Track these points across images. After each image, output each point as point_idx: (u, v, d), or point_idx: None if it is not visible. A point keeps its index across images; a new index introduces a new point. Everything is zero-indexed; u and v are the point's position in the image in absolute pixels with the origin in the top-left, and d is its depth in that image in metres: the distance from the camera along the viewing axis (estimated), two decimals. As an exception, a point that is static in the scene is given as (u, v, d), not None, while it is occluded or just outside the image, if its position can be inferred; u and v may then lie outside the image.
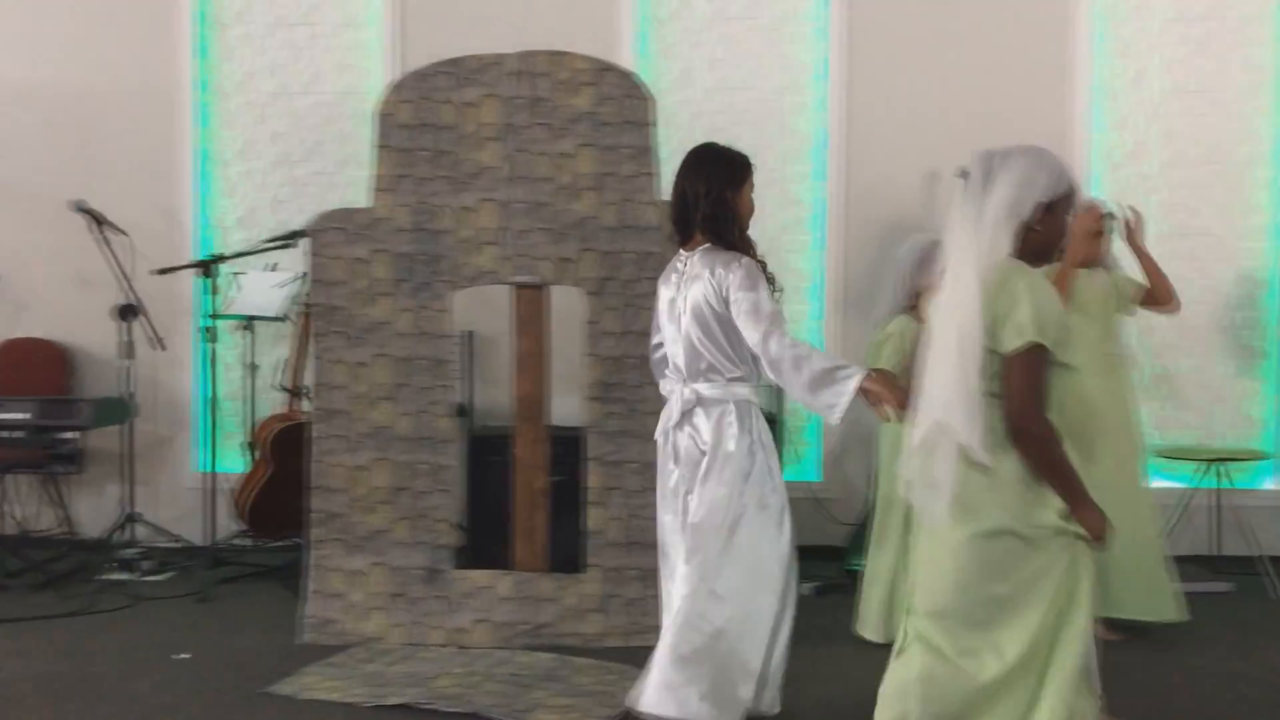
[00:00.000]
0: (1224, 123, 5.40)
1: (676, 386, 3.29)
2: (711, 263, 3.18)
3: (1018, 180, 2.54)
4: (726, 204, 3.22)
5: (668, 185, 4.71)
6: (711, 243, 3.23)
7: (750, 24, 5.48)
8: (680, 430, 3.25)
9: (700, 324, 3.18)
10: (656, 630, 4.10)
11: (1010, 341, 2.43)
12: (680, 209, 3.27)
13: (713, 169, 3.26)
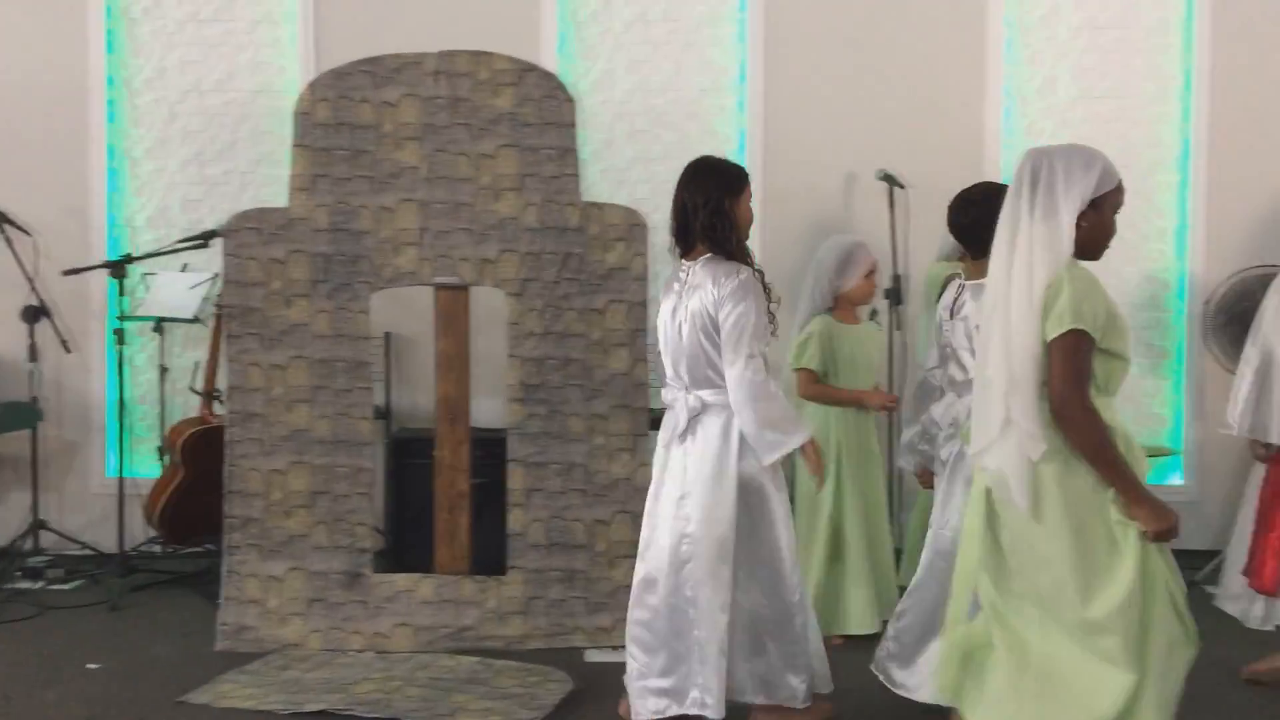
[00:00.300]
0: (1131, 128, 5.55)
1: (680, 394, 3.34)
2: (714, 272, 3.26)
3: (1070, 179, 2.61)
4: (725, 213, 3.29)
5: (589, 186, 4.73)
6: (712, 252, 3.30)
7: (671, 26, 5.51)
8: (685, 440, 3.31)
9: (704, 333, 3.25)
10: (579, 631, 4.13)
11: (1051, 330, 2.53)
12: (680, 220, 3.34)
13: (711, 180, 3.34)
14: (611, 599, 4.16)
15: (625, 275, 4.22)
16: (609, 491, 4.19)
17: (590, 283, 4.21)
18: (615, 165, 5.50)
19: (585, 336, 4.21)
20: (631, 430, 4.21)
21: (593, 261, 4.21)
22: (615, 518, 4.20)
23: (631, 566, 4.15)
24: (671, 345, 3.36)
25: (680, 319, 3.31)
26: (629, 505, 4.18)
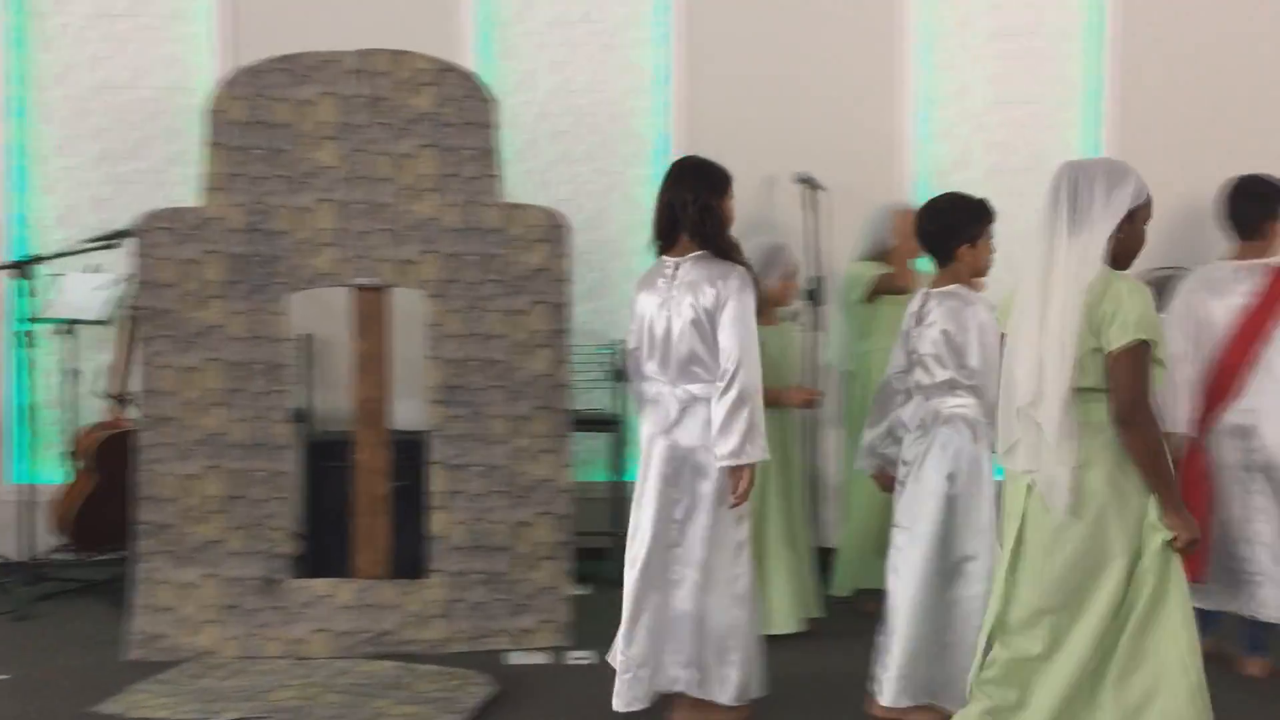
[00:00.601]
0: (1041, 133, 5.69)
1: (667, 389, 3.39)
2: (709, 271, 3.33)
3: (1109, 192, 2.72)
4: (712, 210, 3.38)
5: (511, 186, 4.70)
6: (701, 249, 3.37)
7: (592, 28, 5.51)
8: (670, 434, 3.37)
9: (698, 330, 3.31)
10: (502, 633, 4.12)
11: (1117, 339, 2.65)
12: (667, 217, 3.41)
13: (697, 178, 3.43)
14: (534, 601, 4.15)
15: (547, 276, 4.22)
16: (531, 493, 4.18)
17: (512, 284, 4.20)
18: (537, 166, 5.49)
19: (507, 338, 4.19)
20: (554, 431, 4.21)
21: (514, 263, 4.20)
22: (538, 519, 4.19)
23: (553, 567, 4.16)
24: (658, 340, 3.38)
25: (669, 314, 3.35)
26: (552, 506, 4.17)
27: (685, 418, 3.35)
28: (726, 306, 3.29)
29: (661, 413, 3.40)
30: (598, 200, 5.53)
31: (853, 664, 3.80)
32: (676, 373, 3.37)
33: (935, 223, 3.50)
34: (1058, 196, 2.73)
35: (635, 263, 5.55)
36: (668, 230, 3.42)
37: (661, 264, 3.45)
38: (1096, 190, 2.71)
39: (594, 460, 5.46)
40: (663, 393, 3.40)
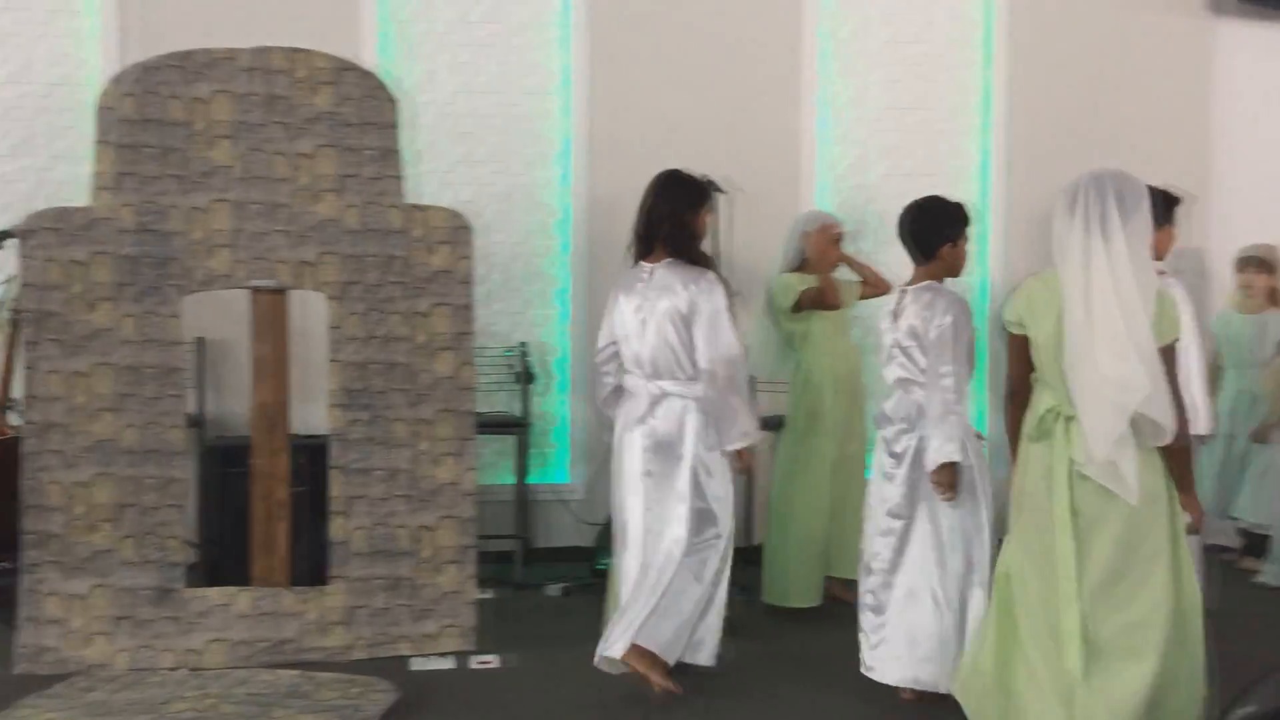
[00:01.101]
0: (935, 139, 5.83)
1: (641, 383, 3.72)
2: (682, 277, 3.65)
3: (1144, 201, 2.94)
4: (686, 224, 3.70)
5: (413, 187, 4.66)
6: (674, 257, 3.67)
7: (494, 28, 5.48)
8: (645, 423, 3.70)
9: (673, 329, 3.63)
10: (404, 639, 4.07)
11: (1167, 335, 2.92)
12: (646, 226, 3.72)
13: (675, 192, 3.74)
14: (438, 605, 4.12)
15: (450, 278, 4.18)
16: (435, 497, 4.14)
17: (414, 286, 4.15)
18: (439, 167, 5.44)
19: (409, 340, 4.15)
20: (458, 434, 4.17)
21: (417, 264, 4.16)
22: (441, 523, 4.15)
23: (458, 571, 4.13)
24: (634, 339, 3.70)
25: (644, 315, 3.67)
26: (455, 510, 4.14)
27: (657, 409, 3.68)
28: (700, 308, 3.60)
29: (635, 405, 3.72)
30: (501, 202, 5.50)
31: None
32: (651, 369, 3.68)
33: (920, 223, 3.66)
34: (1097, 204, 2.92)
35: (539, 264, 5.54)
36: (646, 238, 3.72)
37: (639, 269, 3.75)
38: (1143, 199, 2.93)
39: (499, 463, 5.43)
40: (638, 386, 3.72)
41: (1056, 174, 5.68)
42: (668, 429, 3.67)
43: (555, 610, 4.71)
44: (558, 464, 5.54)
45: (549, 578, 5.04)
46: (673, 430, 3.67)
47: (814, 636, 4.35)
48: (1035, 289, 3.08)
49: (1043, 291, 3.05)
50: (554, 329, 5.56)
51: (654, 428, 3.68)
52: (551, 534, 5.48)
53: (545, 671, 3.94)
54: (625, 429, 3.76)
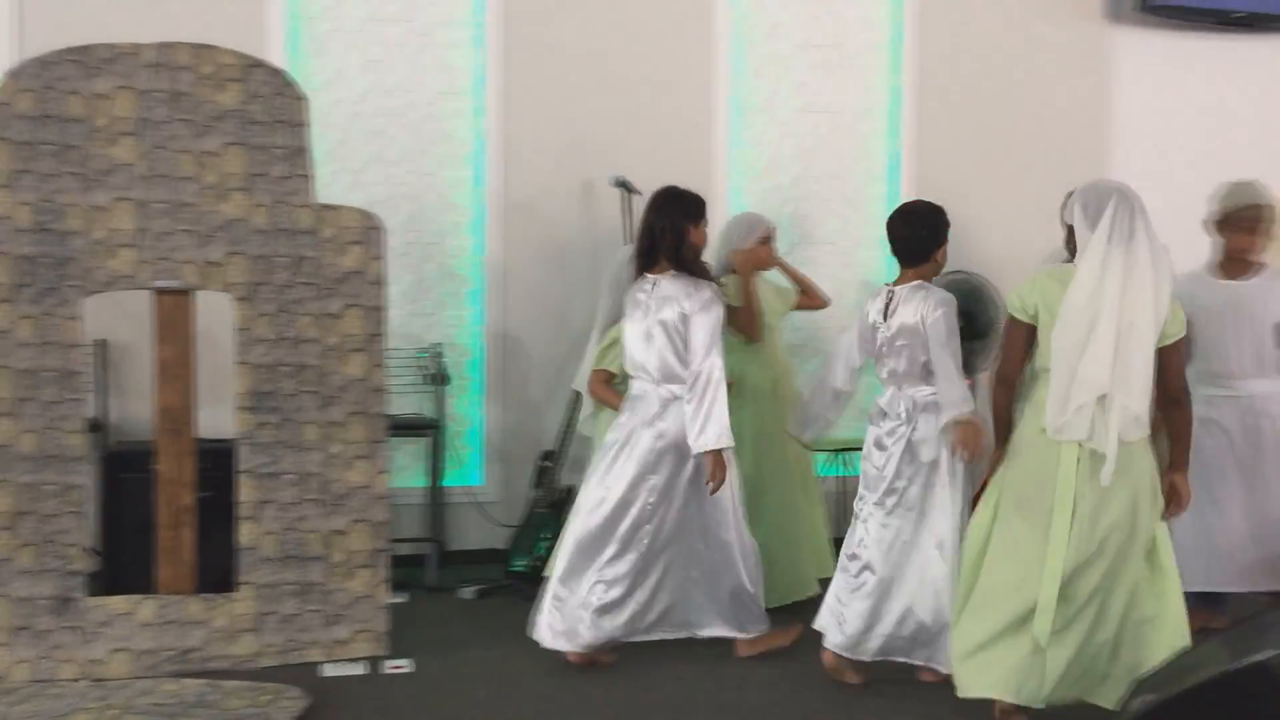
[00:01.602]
0: (844, 141, 5.92)
1: (650, 388, 3.97)
2: (684, 287, 3.92)
3: (1144, 213, 3.30)
4: (685, 237, 3.96)
5: (322, 187, 4.59)
6: (675, 269, 3.94)
7: (407, 27, 5.43)
8: (654, 425, 3.93)
9: (673, 336, 3.91)
10: (315, 645, 4.02)
11: (1175, 333, 3.32)
12: (648, 240, 3.99)
13: (675, 207, 4.00)
14: (349, 611, 4.07)
15: (361, 279, 4.13)
16: (346, 500, 4.09)
17: (325, 287, 4.10)
18: (350, 166, 5.37)
19: (319, 342, 4.09)
20: (370, 437, 4.12)
21: (327, 265, 4.10)
22: (353, 527, 4.10)
23: (370, 575, 4.08)
24: (642, 347, 3.97)
25: (648, 324, 3.95)
26: (367, 514, 4.09)
27: (666, 412, 3.93)
28: (695, 318, 3.86)
29: (644, 408, 3.96)
30: (414, 202, 5.45)
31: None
32: (660, 375, 3.95)
33: (916, 227, 3.88)
34: (1132, 211, 3.27)
35: (453, 265, 5.50)
36: (649, 251, 3.99)
37: (644, 280, 4.02)
38: (1145, 210, 3.31)
39: (412, 466, 5.39)
40: (647, 390, 3.97)
41: (962, 176, 5.87)
42: (678, 431, 3.90)
43: (469, 613, 4.68)
44: (472, 466, 5.51)
45: (463, 580, 5.01)
46: (682, 432, 3.90)
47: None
48: (1049, 284, 3.38)
49: (1058, 288, 3.33)
50: (468, 330, 5.53)
51: (664, 430, 3.92)
52: (465, 536, 5.45)
53: (459, 675, 3.92)
54: (633, 431, 3.97)
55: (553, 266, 5.56)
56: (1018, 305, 3.43)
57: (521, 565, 4.98)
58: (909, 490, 3.76)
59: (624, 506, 3.93)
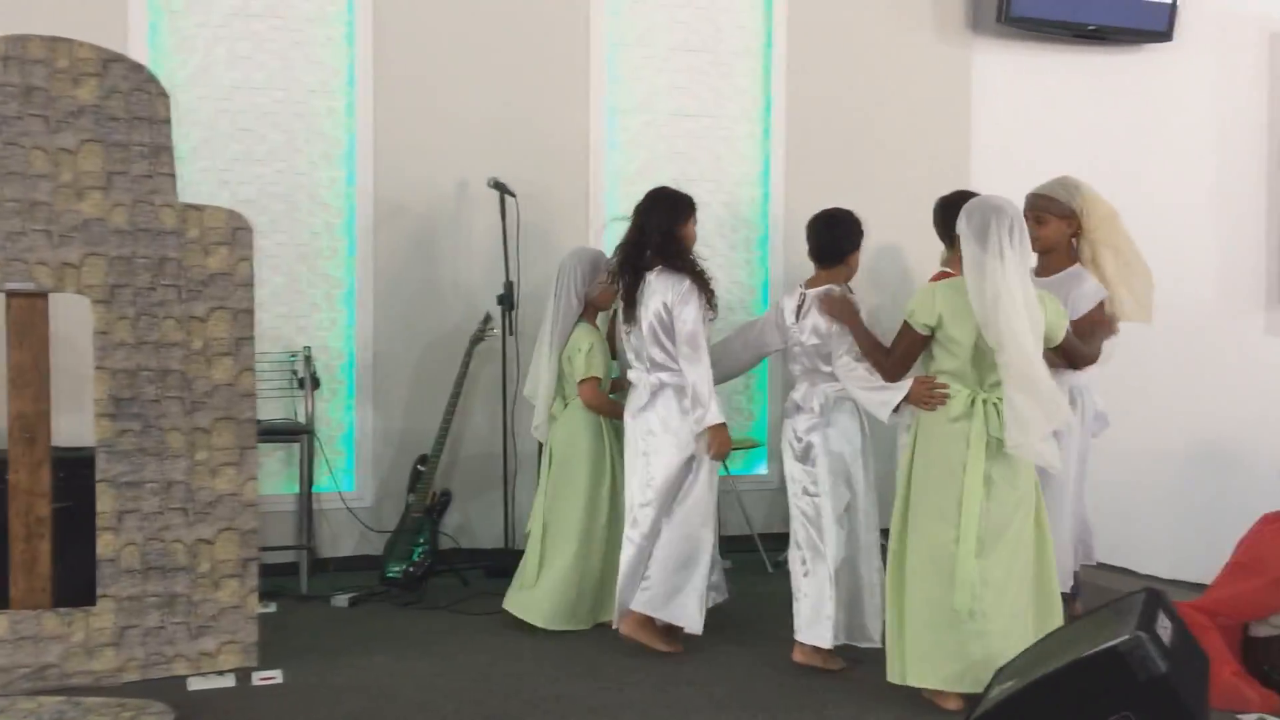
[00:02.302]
0: (720, 145, 5.99)
1: (644, 376, 4.26)
2: (669, 282, 4.17)
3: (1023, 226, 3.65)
4: (674, 235, 4.22)
5: (187, 186, 4.47)
6: (664, 265, 4.19)
7: (275, 22, 5.30)
8: (647, 411, 4.22)
9: (662, 328, 4.18)
10: (181, 659, 3.91)
11: (1061, 332, 3.74)
12: (639, 237, 4.24)
13: (665, 206, 4.25)
14: (217, 622, 3.96)
15: (229, 281, 4.02)
16: (213, 509, 3.98)
17: (190, 289, 3.98)
18: (216, 164, 5.23)
19: (185, 346, 3.97)
20: (238, 443, 4.02)
21: (192, 266, 3.98)
22: (220, 536, 3.99)
23: (239, 585, 3.98)
24: (635, 338, 4.25)
25: (639, 316, 4.21)
26: (236, 522, 3.99)
27: (655, 400, 4.21)
28: (677, 310, 4.13)
29: (637, 396, 4.27)
30: (284, 201, 5.34)
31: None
32: (650, 364, 4.23)
33: (834, 232, 4.18)
34: (1010, 223, 3.56)
35: (324, 266, 5.40)
36: (639, 247, 4.23)
37: (639, 277, 4.25)
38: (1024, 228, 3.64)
39: (282, 472, 5.27)
40: (640, 379, 4.27)
41: (832, 182, 5.99)
42: (667, 416, 4.18)
43: (342, 621, 4.60)
44: (345, 472, 5.42)
45: (336, 588, 4.92)
46: (672, 415, 4.18)
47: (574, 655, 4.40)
48: (950, 296, 3.65)
49: (957, 299, 3.62)
50: (340, 333, 5.43)
51: (649, 418, 4.21)
52: (338, 543, 5.36)
53: (331, 686, 3.85)
54: (631, 417, 4.29)
55: (428, 268, 5.50)
56: (918, 316, 3.70)
57: (397, 571, 4.92)
58: (829, 480, 4.04)
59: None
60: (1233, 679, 3.63)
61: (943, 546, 3.59)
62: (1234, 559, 3.89)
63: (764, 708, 3.66)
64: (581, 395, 4.51)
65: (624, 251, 4.29)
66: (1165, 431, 6.48)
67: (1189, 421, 6.58)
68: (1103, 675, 2.85)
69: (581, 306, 4.59)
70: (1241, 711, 3.56)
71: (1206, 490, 6.49)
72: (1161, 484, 6.43)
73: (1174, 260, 6.55)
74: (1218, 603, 3.78)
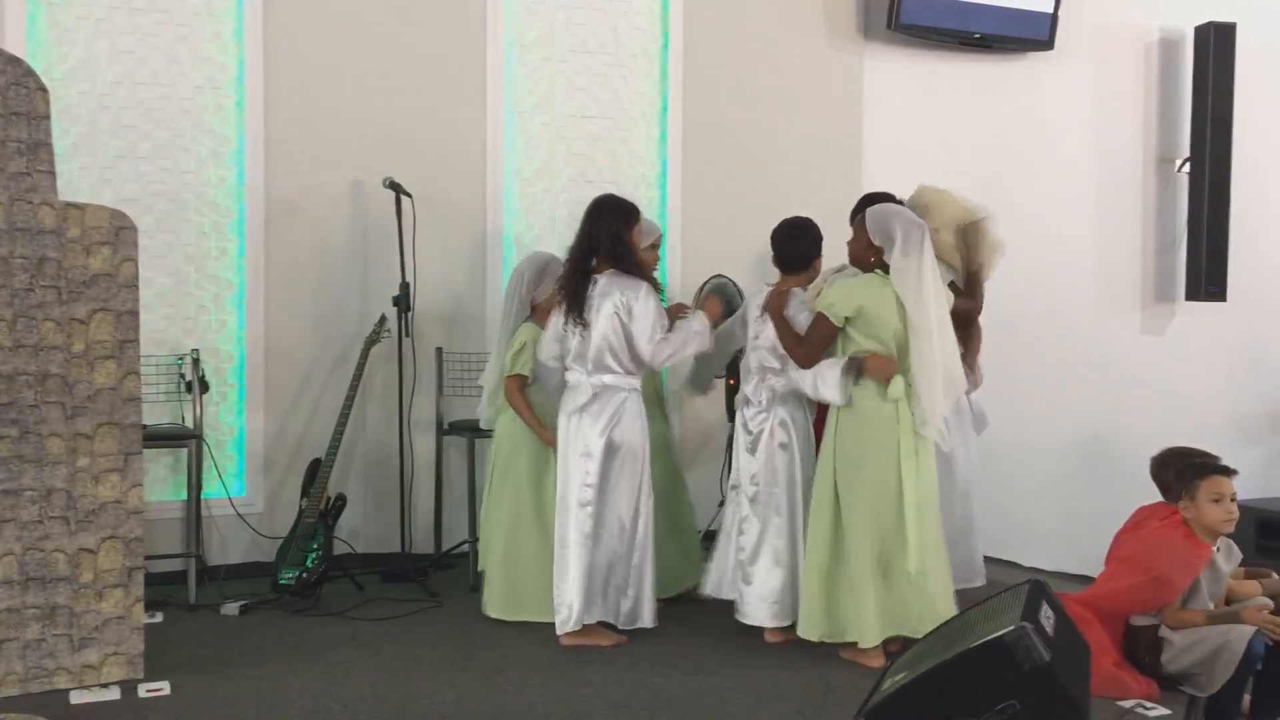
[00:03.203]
0: (618, 146, 6.00)
1: (583, 378, 4.30)
2: (620, 284, 4.27)
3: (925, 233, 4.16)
4: (623, 241, 4.31)
5: (68, 184, 4.32)
6: (614, 269, 4.29)
7: (161, 17, 5.16)
8: (585, 412, 4.28)
9: (612, 331, 4.24)
10: (62, 671, 3.78)
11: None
12: (586, 244, 4.33)
13: (611, 214, 4.34)
14: (100, 633, 3.84)
15: (112, 281, 3.90)
16: (96, 517, 3.86)
17: (71, 290, 3.85)
18: (98, 162, 5.07)
19: (65, 349, 3.84)
20: (121, 449, 3.90)
21: (73, 267, 3.86)
22: (104, 544, 3.87)
23: (123, 594, 3.87)
24: (578, 340, 4.29)
25: (590, 318, 4.27)
26: (120, 530, 3.87)
27: (595, 403, 4.27)
28: (638, 308, 4.23)
29: (574, 397, 4.31)
30: (170, 200, 5.20)
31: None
32: (592, 365, 4.28)
33: (801, 241, 4.44)
34: (920, 233, 4.10)
35: (213, 267, 5.28)
36: (589, 253, 4.32)
37: (585, 279, 4.32)
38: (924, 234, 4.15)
39: (169, 478, 5.14)
40: (580, 381, 4.31)
41: (728, 183, 6.05)
42: (601, 419, 4.25)
43: (233, 630, 4.50)
44: (235, 477, 5.29)
45: (226, 596, 4.81)
46: (607, 419, 4.25)
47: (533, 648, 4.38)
48: (867, 290, 4.09)
49: (874, 293, 4.07)
50: (230, 335, 5.31)
51: (596, 414, 4.26)
52: (228, 550, 5.24)
53: (222, 697, 3.76)
54: (568, 417, 4.31)
55: (320, 269, 5.41)
56: (837, 309, 4.08)
57: (289, 578, 4.82)
58: (777, 468, 4.34)
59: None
60: (1113, 668, 3.77)
61: (887, 514, 4.02)
62: (1118, 553, 4.04)
63: (665, 705, 3.69)
64: (504, 389, 4.65)
65: (572, 255, 4.37)
66: (1047, 428, 6.70)
67: (1070, 418, 6.82)
68: (989, 665, 2.93)
69: (528, 308, 4.73)
70: (1122, 698, 3.69)
71: (1087, 484, 6.73)
72: (1044, 479, 6.65)
73: (1055, 261, 6.80)
74: (1100, 597, 3.92)
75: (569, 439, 4.31)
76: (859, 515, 4.05)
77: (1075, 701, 2.94)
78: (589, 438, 4.26)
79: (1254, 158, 7.19)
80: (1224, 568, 3.91)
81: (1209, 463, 3.93)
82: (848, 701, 3.62)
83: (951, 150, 6.51)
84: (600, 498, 4.25)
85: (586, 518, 4.25)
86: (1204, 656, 3.67)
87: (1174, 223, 7.22)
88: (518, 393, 4.62)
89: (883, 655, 4.02)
